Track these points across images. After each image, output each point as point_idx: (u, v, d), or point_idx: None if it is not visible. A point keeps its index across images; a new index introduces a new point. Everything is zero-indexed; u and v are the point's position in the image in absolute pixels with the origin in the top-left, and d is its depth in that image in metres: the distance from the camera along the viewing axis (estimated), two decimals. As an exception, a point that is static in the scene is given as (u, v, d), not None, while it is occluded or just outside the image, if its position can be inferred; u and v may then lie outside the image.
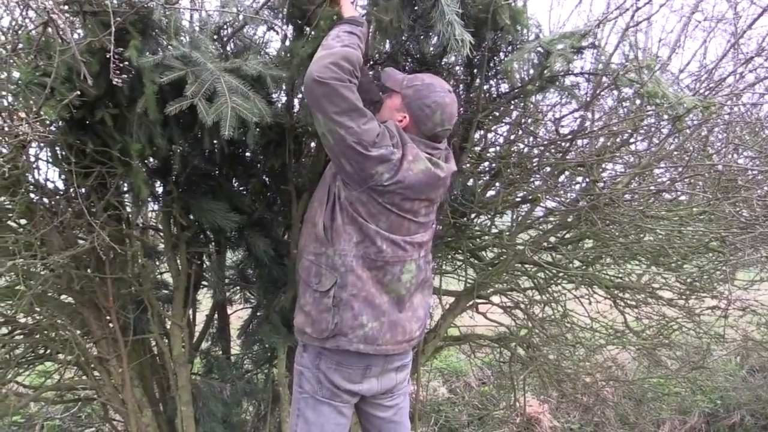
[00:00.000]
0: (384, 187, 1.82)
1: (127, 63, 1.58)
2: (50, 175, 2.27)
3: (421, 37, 2.17)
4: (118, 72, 1.51)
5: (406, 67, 2.30)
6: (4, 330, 2.59)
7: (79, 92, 1.65)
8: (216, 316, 2.92)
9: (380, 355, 1.96)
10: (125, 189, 2.33)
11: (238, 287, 2.91)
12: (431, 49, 2.25)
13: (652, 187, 2.82)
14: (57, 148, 2.06)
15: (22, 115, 1.44)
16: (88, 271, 2.31)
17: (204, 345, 2.91)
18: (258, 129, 1.82)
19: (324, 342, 1.94)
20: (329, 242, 1.91)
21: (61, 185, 2.25)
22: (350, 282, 1.89)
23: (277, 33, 2.13)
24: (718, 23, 2.65)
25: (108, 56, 1.58)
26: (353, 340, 1.90)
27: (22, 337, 2.58)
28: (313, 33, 1.97)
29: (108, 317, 2.40)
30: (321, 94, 1.70)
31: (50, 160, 2.10)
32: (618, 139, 2.70)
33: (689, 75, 3.03)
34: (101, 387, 2.54)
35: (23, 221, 2.28)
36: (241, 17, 1.94)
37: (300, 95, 2.34)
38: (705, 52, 3.02)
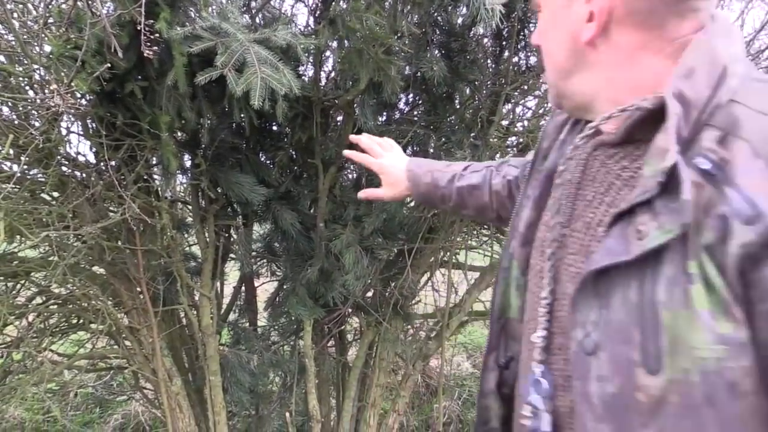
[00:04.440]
0: None
1: (157, 35, 1.58)
2: (81, 148, 2.29)
3: (450, 7, 2.14)
4: (148, 44, 1.51)
5: (434, 39, 2.27)
6: (39, 300, 2.66)
7: (109, 65, 1.66)
8: (243, 288, 2.96)
9: None
10: (154, 162, 2.36)
11: (265, 260, 2.93)
12: (460, 19, 2.22)
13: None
14: (88, 121, 2.08)
15: (54, 87, 1.45)
16: (119, 243, 2.35)
17: (231, 316, 2.95)
18: (286, 102, 1.81)
19: None
20: None
21: (92, 158, 2.28)
22: None
23: (306, 5, 2.10)
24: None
25: (138, 28, 1.58)
26: None
27: (56, 307, 2.64)
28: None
29: (138, 288, 2.45)
30: None
31: (81, 133, 2.12)
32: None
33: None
34: (132, 356, 2.60)
35: (55, 193, 2.32)
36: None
37: (328, 68, 2.33)
38: (743, 24, 2.93)
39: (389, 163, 1.43)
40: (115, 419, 3.55)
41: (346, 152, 1.49)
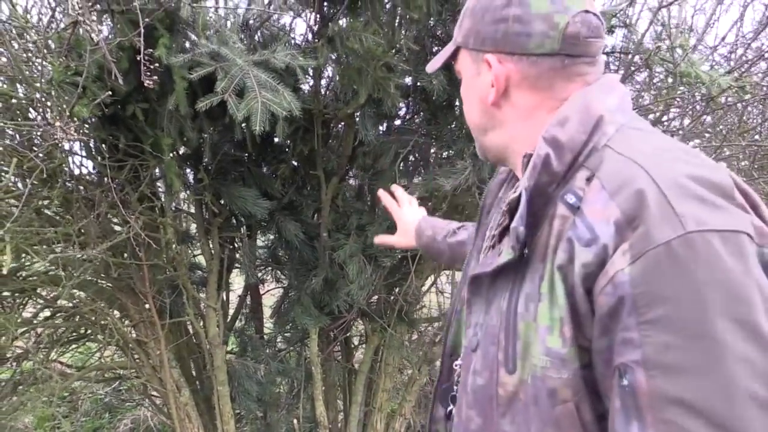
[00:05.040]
0: None
1: (157, 65, 1.59)
2: (85, 161, 2.29)
3: (449, 20, 2.14)
4: (148, 74, 1.52)
5: (433, 50, 2.27)
6: (47, 313, 2.68)
7: (110, 92, 1.67)
8: (249, 296, 2.98)
9: None
10: (158, 174, 2.37)
11: (269, 268, 2.95)
12: (459, 31, 2.22)
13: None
14: (90, 142, 2.09)
15: (58, 124, 1.46)
16: (125, 256, 2.36)
17: (238, 324, 2.97)
18: (286, 121, 1.81)
19: None
20: None
21: (95, 170, 2.29)
22: None
23: (305, 21, 2.11)
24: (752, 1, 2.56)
25: (137, 54, 1.58)
26: None
27: (62, 321, 2.67)
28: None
29: (145, 302, 2.47)
30: None
31: (84, 154, 2.13)
32: (650, 117, 2.65)
33: (725, 45, 2.95)
34: (141, 368, 2.63)
35: (59, 209, 2.34)
36: (270, 8, 1.93)
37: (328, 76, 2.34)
38: (741, 21, 2.92)
39: (407, 216, 1.64)
40: (125, 425, 3.60)
41: (381, 194, 1.69)
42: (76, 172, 2.26)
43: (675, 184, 0.65)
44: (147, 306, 2.47)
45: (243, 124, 2.11)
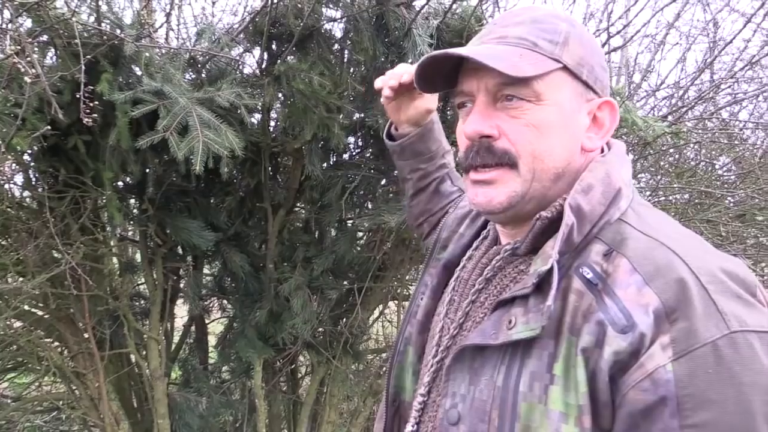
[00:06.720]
0: None
1: (97, 103, 1.58)
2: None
3: (396, 60, 2.18)
4: (88, 111, 1.51)
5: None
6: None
7: (50, 126, 1.65)
8: (193, 326, 2.94)
9: None
10: (103, 200, 2.32)
11: (215, 297, 2.92)
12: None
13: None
14: (30, 172, 2.06)
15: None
16: (64, 284, 2.31)
17: (182, 354, 2.93)
18: (230, 158, 1.81)
19: None
20: None
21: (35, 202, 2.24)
22: None
23: (253, 56, 2.12)
24: (692, 45, 2.69)
25: (80, 85, 1.56)
26: None
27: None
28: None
29: (84, 332, 2.42)
30: None
31: (22, 185, 2.10)
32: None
33: (666, 87, 3.08)
34: (79, 399, 2.56)
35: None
36: (216, 44, 1.94)
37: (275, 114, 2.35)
38: (683, 62, 3.05)
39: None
40: (64, 454, 3.48)
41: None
42: (17, 193, 2.21)
43: (714, 279, 0.64)
44: (86, 336, 2.42)
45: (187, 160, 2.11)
